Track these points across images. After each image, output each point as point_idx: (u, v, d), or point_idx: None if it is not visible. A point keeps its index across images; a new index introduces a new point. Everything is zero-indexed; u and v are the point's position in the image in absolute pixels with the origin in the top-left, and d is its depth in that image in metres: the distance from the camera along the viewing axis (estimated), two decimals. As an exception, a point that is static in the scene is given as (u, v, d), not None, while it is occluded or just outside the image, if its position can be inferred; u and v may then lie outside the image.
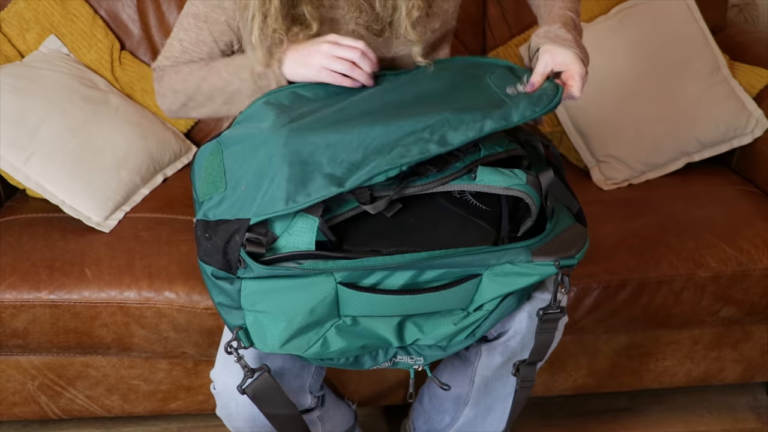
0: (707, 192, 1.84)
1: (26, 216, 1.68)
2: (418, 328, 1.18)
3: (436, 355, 1.23)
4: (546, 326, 1.22)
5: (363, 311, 1.12)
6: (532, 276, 1.14)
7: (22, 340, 1.54)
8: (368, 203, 1.07)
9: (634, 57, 1.90)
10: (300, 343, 1.13)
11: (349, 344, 1.15)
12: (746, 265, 1.63)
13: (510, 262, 1.12)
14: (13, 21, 1.86)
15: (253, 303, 1.09)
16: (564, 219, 1.19)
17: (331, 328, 1.13)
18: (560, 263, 1.13)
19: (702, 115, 1.89)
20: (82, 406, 1.67)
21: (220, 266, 1.06)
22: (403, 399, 1.73)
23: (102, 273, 1.52)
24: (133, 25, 1.94)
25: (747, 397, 1.97)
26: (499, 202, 1.19)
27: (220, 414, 1.30)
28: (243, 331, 1.12)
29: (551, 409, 1.90)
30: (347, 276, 1.08)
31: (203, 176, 1.16)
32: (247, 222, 1.05)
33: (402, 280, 1.11)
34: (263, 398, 1.17)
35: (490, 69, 1.27)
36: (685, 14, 1.95)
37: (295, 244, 1.05)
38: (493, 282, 1.14)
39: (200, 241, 1.08)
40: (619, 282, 1.60)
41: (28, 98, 1.69)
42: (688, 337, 1.74)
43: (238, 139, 1.16)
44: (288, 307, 1.09)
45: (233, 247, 1.05)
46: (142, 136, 1.78)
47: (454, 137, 1.07)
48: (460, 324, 1.18)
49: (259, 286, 1.08)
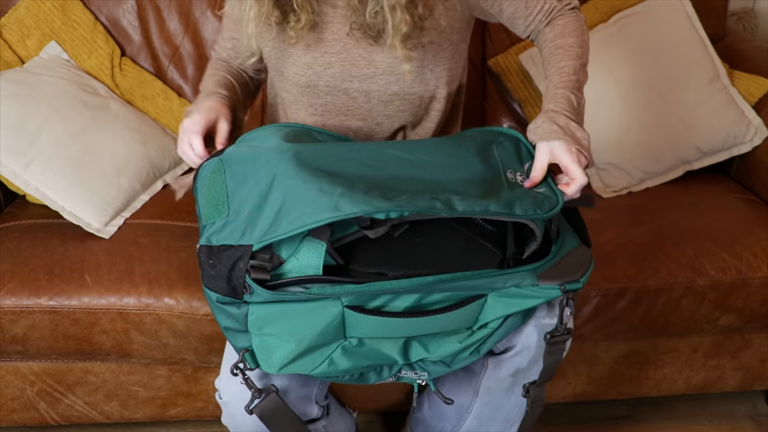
0: (706, 200, 1.84)
1: (26, 222, 1.68)
2: (423, 347, 1.18)
3: (441, 371, 1.23)
4: (554, 348, 1.23)
5: (369, 333, 1.12)
6: (537, 298, 1.15)
7: (22, 346, 1.54)
8: (369, 228, 1.07)
9: (633, 65, 1.91)
10: (305, 365, 1.13)
11: (355, 364, 1.15)
12: (745, 273, 1.63)
13: (516, 285, 1.13)
14: (14, 27, 1.86)
15: (261, 327, 1.09)
16: (569, 240, 1.19)
17: (337, 349, 1.13)
18: (565, 287, 1.14)
19: (701, 124, 1.90)
20: (81, 412, 1.67)
21: (226, 293, 1.06)
22: (401, 406, 1.73)
23: (101, 279, 1.52)
24: (133, 32, 1.95)
25: (746, 405, 1.97)
26: (504, 222, 1.19)
27: (226, 423, 1.30)
28: (249, 353, 1.12)
29: (550, 417, 1.90)
30: (354, 299, 1.08)
31: (206, 197, 1.16)
32: (250, 248, 1.05)
33: (407, 303, 1.11)
34: (271, 418, 1.18)
35: (498, 139, 1.26)
36: (684, 22, 1.95)
37: (302, 269, 1.05)
38: (498, 303, 1.15)
39: (204, 268, 1.09)
40: (618, 290, 1.60)
41: (28, 104, 1.69)
42: (687, 345, 1.74)
43: (240, 158, 1.16)
44: (295, 331, 1.09)
45: (238, 273, 1.05)
46: (142, 143, 1.78)
47: (459, 206, 1.06)
48: (464, 342, 1.18)
49: (266, 311, 1.08)
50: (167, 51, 1.96)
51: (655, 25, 1.94)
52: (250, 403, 1.15)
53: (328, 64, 1.31)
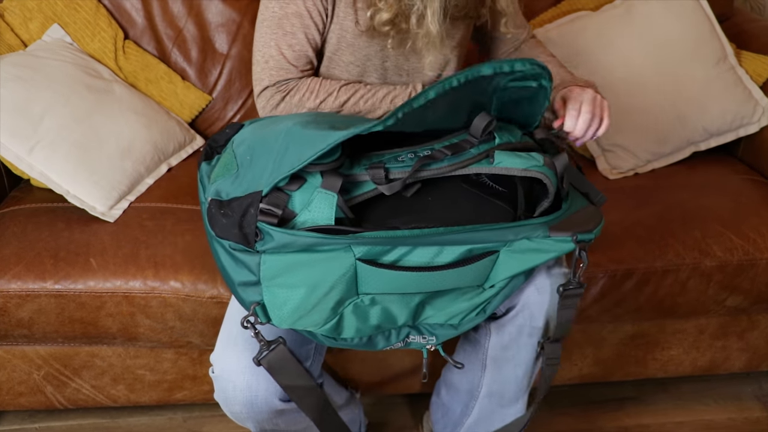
0: (713, 181, 1.84)
1: (31, 206, 1.68)
2: (433, 307, 1.19)
3: (449, 334, 1.24)
4: (567, 302, 1.24)
5: (382, 289, 1.12)
6: (550, 252, 1.16)
7: (28, 330, 1.54)
8: (384, 184, 1.08)
9: (640, 45, 1.89)
10: (316, 319, 1.14)
11: (364, 323, 1.16)
12: (752, 254, 1.62)
13: (527, 237, 1.13)
14: (16, 10, 1.85)
15: (272, 277, 1.09)
16: (578, 200, 1.20)
17: (349, 306, 1.14)
18: (577, 238, 1.15)
19: (708, 104, 1.89)
20: (88, 395, 1.67)
21: (238, 239, 1.07)
22: (406, 387, 1.73)
23: (107, 263, 1.52)
24: (136, 14, 1.94)
25: (752, 386, 1.98)
26: (514, 184, 1.21)
27: (217, 398, 1.30)
28: (260, 306, 1.12)
29: (557, 398, 1.90)
30: (366, 252, 1.08)
31: (217, 165, 1.20)
32: (260, 194, 1.06)
33: (420, 259, 1.11)
34: (279, 369, 1.18)
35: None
36: (691, 2, 1.94)
37: (315, 219, 1.06)
38: (510, 258, 1.15)
39: (216, 219, 1.09)
40: (625, 271, 1.59)
41: (31, 88, 1.68)
42: (693, 327, 1.74)
43: (249, 134, 1.21)
44: (307, 281, 1.10)
45: (249, 220, 1.05)
46: (146, 126, 1.77)
47: (454, 79, 1.04)
48: (473, 300, 1.20)
49: (278, 260, 1.08)
50: (171, 34, 1.95)
51: (662, 5, 1.93)
52: (258, 355, 1.15)
53: (386, 57, 1.40)
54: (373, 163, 1.09)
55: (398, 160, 1.10)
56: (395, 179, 1.08)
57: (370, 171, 1.08)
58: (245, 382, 1.22)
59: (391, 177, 1.09)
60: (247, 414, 1.27)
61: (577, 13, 2.00)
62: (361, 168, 1.09)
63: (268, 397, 1.24)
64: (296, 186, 1.07)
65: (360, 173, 1.09)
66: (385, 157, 1.10)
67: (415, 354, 1.67)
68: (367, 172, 1.08)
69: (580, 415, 1.88)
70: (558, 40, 1.94)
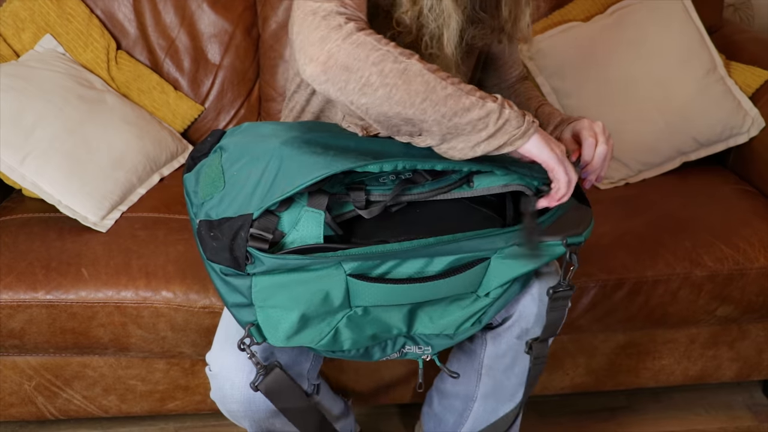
0: (704, 191, 1.85)
1: (22, 216, 1.67)
2: (428, 317, 1.19)
3: (444, 344, 1.24)
4: (556, 304, 1.24)
5: (374, 301, 1.13)
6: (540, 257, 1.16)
7: (19, 341, 1.54)
8: (363, 208, 1.08)
9: (630, 56, 1.91)
10: (312, 335, 1.14)
11: (360, 334, 1.16)
12: (743, 264, 1.63)
13: (517, 243, 1.13)
14: (9, 20, 1.85)
15: (265, 298, 1.09)
16: (567, 202, 1.18)
17: (343, 319, 1.14)
18: (567, 241, 1.15)
19: (698, 115, 1.90)
20: (79, 406, 1.67)
21: (228, 264, 1.06)
22: (399, 398, 1.73)
23: (99, 273, 1.52)
24: (129, 25, 1.94)
25: (743, 396, 1.98)
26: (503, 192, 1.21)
27: (214, 397, 1.29)
28: (255, 327, 1.12)
29: (548, 408, 1.90)
30: (357, 267, 1.09)
31: (203, 178, 1.17)
32: (251, 217, 1.05)
33: (410, 270, 1.11)
34: (277, 394, 1.19)
35: None
36: (681, 13, 1.95)
37: (303, 238, 1.06)
38: (501, 265, 1.15)
39: (206, 241, 1.09)
40: (616, 281, 1.60)
41: (23, 98, 1.69)
42: (684, 336, 1.74)
43: (236, 142, 1.19)
44: (299, 301, 1.09)
45: (239, 243, 1.05)
46: (138, 136, 1.78)
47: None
48: (468, 309, 1.20)
49: (269, 282, 1.08)
50: (163, 44, 1.95)
51: (652, 16, 1.94)
52: (255, 380, 1.16)
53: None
54: (354, 183, 1.09)
55: (379, 181, 1.10)
56: (376, 202, 1.09)
57: (352, 193, 1.08)
58: (244, 379, 1.22)
59: (372, 199, 1.09)
60: (244, 412, 1.26)
61: (568, 24, 2.01)
62: (341, 187, 1.09)
63: None
64: (284, 207, 1.07)
65: (341, 194, 1.08)
66: (367, 178, 1.10)
67: (407, 364, 1.67)
68: (348, 194, 1.08)
69: (571, 425, 1.88)
70: (549, 51, 1.95)
